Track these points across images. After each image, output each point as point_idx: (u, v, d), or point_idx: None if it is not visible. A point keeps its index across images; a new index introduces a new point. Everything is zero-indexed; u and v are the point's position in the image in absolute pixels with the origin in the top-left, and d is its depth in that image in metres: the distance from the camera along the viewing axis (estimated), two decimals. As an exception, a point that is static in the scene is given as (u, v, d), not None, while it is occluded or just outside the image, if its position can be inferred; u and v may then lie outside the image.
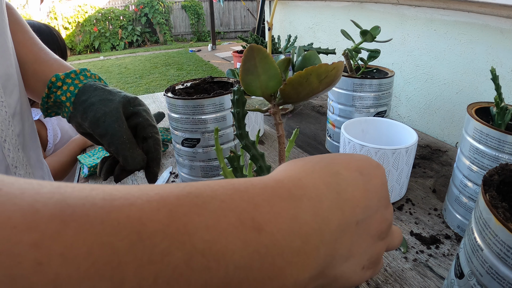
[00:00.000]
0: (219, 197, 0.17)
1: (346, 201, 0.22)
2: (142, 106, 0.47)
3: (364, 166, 0.24)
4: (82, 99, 0.44)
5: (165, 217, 0.15)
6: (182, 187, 0.17)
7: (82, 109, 0.43)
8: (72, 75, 0.46)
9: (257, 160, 0.35)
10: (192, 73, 5.61)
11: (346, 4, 1.25)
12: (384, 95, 0.74)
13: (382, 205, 0.25)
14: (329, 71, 0.25)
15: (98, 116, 0.42)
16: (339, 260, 0.22)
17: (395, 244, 0.27)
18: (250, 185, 0.19)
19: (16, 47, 0.49)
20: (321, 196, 0.21)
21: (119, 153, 0.42)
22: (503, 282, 0.27)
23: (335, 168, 0.23)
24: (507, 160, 0.45)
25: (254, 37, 1.12)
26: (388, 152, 0.56)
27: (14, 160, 0.41)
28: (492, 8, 0.77)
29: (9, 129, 0.41)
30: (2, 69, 0.41)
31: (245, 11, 9.58)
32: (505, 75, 0.77)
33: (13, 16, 0.51)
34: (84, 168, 0.78)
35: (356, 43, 0.74)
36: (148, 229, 0.14)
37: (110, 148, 0.43)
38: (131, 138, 0.43)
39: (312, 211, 0.20)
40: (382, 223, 0.24)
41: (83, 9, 8.16)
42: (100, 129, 0.42)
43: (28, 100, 0.51)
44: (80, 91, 0.45)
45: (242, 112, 0.32)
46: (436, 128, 0.99)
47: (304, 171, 0.22)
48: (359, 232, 0.23)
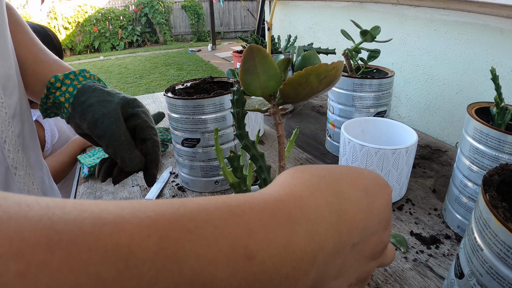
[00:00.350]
0: (213, 222, 0.17)
1: (346, 222, 0.21)
2: (141, 108, 0.47)
3: (371, 186, 0.24)
4: (81, 100, 0.44)
5: (154, 244, 0.15)
6: (175, 208, 0.17)
7: (80, 110, 0.43)
8: (71, 76, 0.46)
9: (257, 160, 0.35)
10: (192, 73, 5.61)
11: (346, 4, 1.25)
12: (384, 95, 0.74)
13: (382, 227, 0.24)
14: (328, 71, 0.25)
15: (96, 117, 0.42)
16: (328, 279, 0.22)
17: (386, 262, 0.27)
18: (248, 207, 0.19)
19: (16, 47, 0.49)
20: (320, 218, 0.20)
21: (117, 155, 0.42)
22: (503, 282, 0.27)
23: (340, 186, 0.23)
24: (507, 160, 0.45)
25: (254, 37, 1.12)
26: (388, 152, 0.56)
27: (14, 161, 0.41)
28: (492, 8, 0.77)
29: (9, 130, 0.41)
30: (2, 70, 0.41)
31: (245, 11, 9.58)
32: (505, 75, 0.77)
33: (13, 16, 0.51)
34: (84, 168, 0.78)
35: (356, 43, 0.74)
36: (137, 257, 0.14)
37: (108, 150, 0.43)
38: (129, 140, 0.43)
39: (308, 235, 0.19)
40: (377, 245, 0.24)
41: (83, 9, 8.16)
42: (98, 130, 0.42)
43: (28, 101, 0.51)
44: (79, 92, 0.45)
45: (242, 112, 0.32)
46: (436, 128, 0.99)
47: (307, 188, 0.22)
48: (353, 253, 0.22)
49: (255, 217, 0.18)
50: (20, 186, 0.41)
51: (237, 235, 0.17)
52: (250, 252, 0.17)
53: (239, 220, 0.18)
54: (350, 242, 0.22)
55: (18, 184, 0.41)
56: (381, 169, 0.58)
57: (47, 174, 0.53)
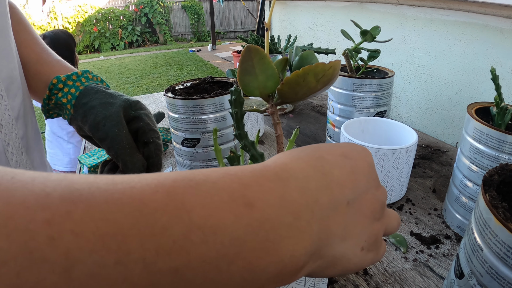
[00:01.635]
0: (211, 179, 0.19)
1: (333, 182, 0.22)
2: (144, 110, 0.46)
3: (349, 151, 0.25)
4: (83, 101, 0.44)
5: (163, 196, 0.17)
6: (177, 173, 0.19)
7: (82, 112, 0.43)
8: (74, 77, 0.46)
9: (257, 160, 0.35)
10: (192, 73, 5.61)
11: (346, 4, 1.25)
12: (384, 95, 0.74)
13: (372, 186, 0.25)
14: (326, 70, 0.25)
15: (98, 119, 0.42)
16: (335, 239, 0.22)
17: (393, 225, 0.27)
18: (239, 169, 0.20)
19: (19, 47, 0.49)
20: (308, 177, 0.22)
21: (119, 158, 0.42)
22: (503, 282, 0.27)
23: (319, 153, 0.24)
24: (507, 160, 0.45)
25: (254, 37, 1.12)
26: (388, 152, 0.56)
27: (18, 163, 0.41)
28: (492, 8, 0.77)
29: (13, 133, 0.41)
30: (5, 72, 0.41)
31: (245, 11, 9.58)
32: (505, 75, 0.77)
33: (17, 15, 0.51)
34: (84, 168, 0.78)
35: (356, 43, 0.74)
36: (149, 207, 0.16)
37: (110, 152, 0.43)
38: (131, 143, 0.43)
39: (300, 190, 0.21)
40: (374, 203, 0.24)
41: (83, 9, 8.16)
42: (100, 133, 0.42)
43: (32, 102, 0.51)
44: (81, 93, 0.44)
45: (241, 113, 0.32)
46: (436, 128, 0.99)
47: (290, 157, 0.23)
48: (352, 212, 0.23)
49: (247, 175, 0.20)
50: None
51: (234, 188, 0.19)
52: (249, 200, 0.18)
53: (234, 177, 0.19)
54: (343, 199, 0.22)
55: None
56: (381, 169, 0.58)
57: None
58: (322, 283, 0.37)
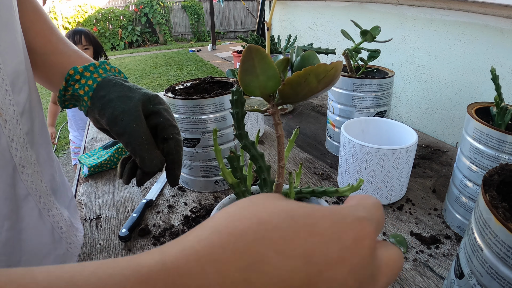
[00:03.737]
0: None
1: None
2: (163, 105, 0.45)
3: (321, 248, 0.16)
4: (100, 94, 0.43)
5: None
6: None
7: (100, 105, 0.42)
8: (91, 68, 0.45)
9: (257, 160, 0.35)
10: (192, 73, 5.61)
11: (346, 4, 1.25)
12: (384, 95, 0.74)
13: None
14: (327, 71, 0.25)
15: (116, 114, 0.41)
16: None
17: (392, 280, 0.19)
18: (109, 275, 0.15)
19: (35, 37, 0.48)
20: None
21: (137, 154, 0.41)
22: (503, 282, 0.27)
23: (261, 252, 0.15)
24: (507, 160, 0.45)
25: (254, 37, 1.12)
26: (388, 152, 0.56)
27: (22, 159, 0.41)
28: (492, 8, 0.77)
29: (17, 128, 0.40)
30: (11, 67, 0.40)
31: (245, 11, 9.58)
32: (505, 75, 0.77)
33: (32, 4, 0.50)
34: (84, 168, 0.78)
35: (356, 43, 0.74)
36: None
37: (128, 148, 0.42)
38: (149, 139, 0.42)
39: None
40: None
41: (83, 9, 8.16)
42: (118, 128, 0.41)
43: (39, 96, 0.50)
44: (98, 85, 0.43)
45: (241, 113, 0.32)
46: (436, 128, 0.99)
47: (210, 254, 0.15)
48: None
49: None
50: (27, 184, 0.40)
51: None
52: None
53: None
54: None
55: (25, 183, 0.40)
56: (381, 169, 0.58)
57: (58, 170, 0.52)
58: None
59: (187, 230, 0.59)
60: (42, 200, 0.42)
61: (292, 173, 0.35)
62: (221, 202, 0.41)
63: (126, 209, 0.65)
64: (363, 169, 0.59)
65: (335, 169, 0.76)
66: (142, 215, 0.62)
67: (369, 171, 0.59)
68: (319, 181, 0.72)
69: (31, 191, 0.40)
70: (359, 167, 0.60)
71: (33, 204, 0.40)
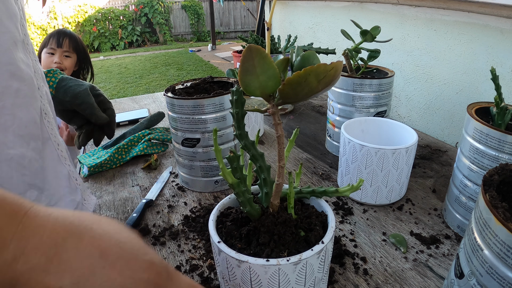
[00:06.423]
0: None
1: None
2: (100, 91, 0.68)
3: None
4: (62, 84, 0.63)
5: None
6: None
7: (63, 91, 0.62)
8: (50, 74, 0.63)
9: (257, 160, 0.35)
10: (192, 73, 5.61)
11: (346, 4, 1.25)
12: (384, 95, 0.74)
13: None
14: (327, 71, 0.25)
15: (75, 92, 0.62)
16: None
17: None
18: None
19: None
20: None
21: (92, 114, 0.64)
22: (503, 282, 0.27)
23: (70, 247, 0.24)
24: (507, 160, 0.45)
25: (254, 37, 1.12)
26: (388, 152, 0.56)
27: (45, 107, 0.47)
28: (492, 8, 0.77)
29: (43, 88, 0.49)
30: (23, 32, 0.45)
31: (245, 11, 9.58)
32: (505, 75, 0.77)
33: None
34: (84, 168, 0.78)
35: (356, 43, 0.74)
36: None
37: (85, 112, 0.63)
38: (97, 106, 0.65)
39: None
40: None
41: (83, 9, 8.16)
42: (78, 100, 0.63)
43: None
44: (59, 80, 0.63)
45: (241, 113, 0.32)
46: (436, 128, 0.99)
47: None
48: None
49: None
50: (48, 130, 0.47)
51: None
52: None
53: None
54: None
55: (47, 128, 0.47)
56: (381, 169, 0.58)
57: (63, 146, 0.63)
58: (322, 283, 0.37)
59: (187, 230, 0.59)
60: (59, 148, 0.49)
61: (292, 173, 0.35)
62: (221, 202, 0.41)
63: (126, 209, 0.65)
64: (363, 169, 0.59)
65: (335, 169, 0.76)
66: (142, 215, 0.62)
67: (369, 171, 0.59)
68: (319, 181, 0.72)
69: (51, 136, 0.48)
70: (359, 167, 0.60)
71: (52, 148, 0.48)
